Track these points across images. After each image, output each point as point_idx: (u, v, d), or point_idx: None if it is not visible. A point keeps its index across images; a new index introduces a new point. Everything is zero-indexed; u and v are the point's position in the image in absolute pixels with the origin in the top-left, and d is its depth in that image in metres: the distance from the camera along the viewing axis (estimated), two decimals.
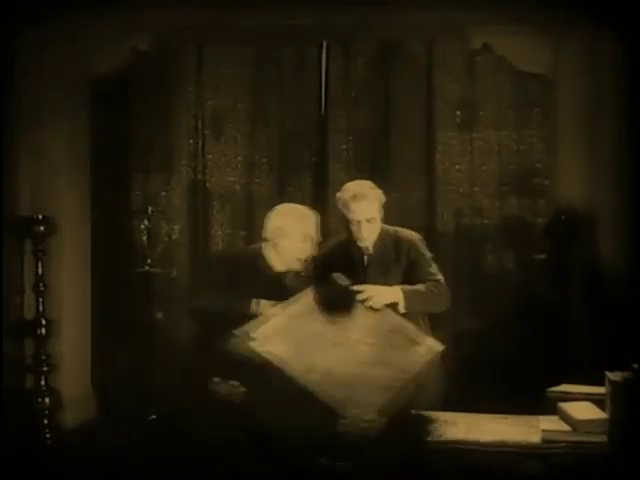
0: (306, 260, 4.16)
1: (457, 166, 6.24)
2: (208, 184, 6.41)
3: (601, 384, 3.74)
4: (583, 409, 3.77)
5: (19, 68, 5.67)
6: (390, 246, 4.40)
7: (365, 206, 4.33)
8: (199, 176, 6.40)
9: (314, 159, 6.37)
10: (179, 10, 5.75)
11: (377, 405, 3.51)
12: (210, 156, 6.41)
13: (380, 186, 6.16)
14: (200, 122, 6.38)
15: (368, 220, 4.34)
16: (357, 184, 4.47)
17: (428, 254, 4.46)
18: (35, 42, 5.68)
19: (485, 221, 6.23)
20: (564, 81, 5.79)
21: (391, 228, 4.47)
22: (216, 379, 3.78)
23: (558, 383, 4.08)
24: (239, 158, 6.42)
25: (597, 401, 3.78)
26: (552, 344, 5.39)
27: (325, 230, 6.19)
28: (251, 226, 6.40)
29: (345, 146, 6.33)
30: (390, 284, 4.27)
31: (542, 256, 6.06)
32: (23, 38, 5.59)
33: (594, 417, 3.68)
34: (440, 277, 4.39)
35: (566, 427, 3.70)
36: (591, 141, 5.73)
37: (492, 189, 6.21)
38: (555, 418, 3.79)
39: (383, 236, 4.41)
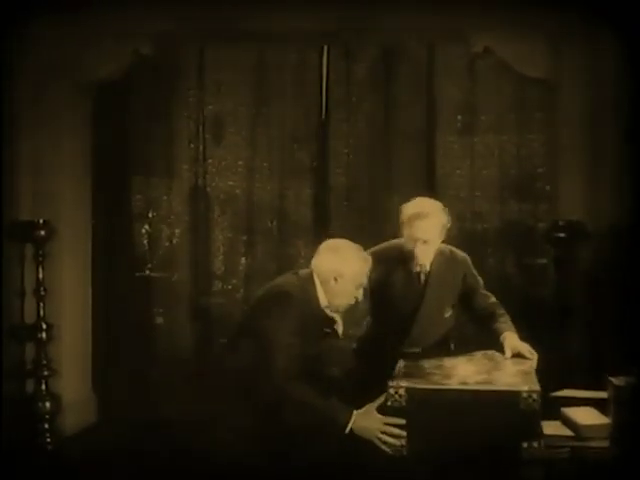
0: (352, 304, 4.04)
1: (458, 170, 6.24)
2: (209, 188, 6.41)
3: (604, 389, 3.73)
4: (586, 414, 3.75)
5: (20, 71, 5.67)
6: (444, 266, 4.29)
7: (424, 225, 4.13)
8: (200, 180, 6.40)
9: (315, 163, 6.37)
10: (180, 14, 5.75)
11: None
12: (211, 160, 6.41)
13: (381, 190, 6.27)
14: (201, 126, 6.38)
15: (425, 241, 4.16)
16: (424, 201, 4.25)
17: (477, 274, 4.43)
18: (36, 45, 5.69)
19: (486, 225, 6.24)
20: (565, 85, 5.79)
21: (447, 247, 4.32)
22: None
23: (560, 388, 4.07)
24: (240, 162, 6.41)
25: (600, 406, 3.77)
26: (554, 348, 5.38)
27: (324, 234, 6.24)
28: (252, 230, 6.40)
29: (346, 150, 6.33)
30: (444, 304, 4.30)
31: (543, 260, 6.07)
32: (24, 41, 5.59)
33: (597, 422, 3.67)
34: (493, 298, 4.40)
35: (569, 432, 3.68)
36: (592, 145, 5.73)
37: (493, 193, 6.21)
38: (557, 423, 3.77)
39: (440, 255, 4.27)
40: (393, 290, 4.28)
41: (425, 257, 4.21)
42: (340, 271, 3.85)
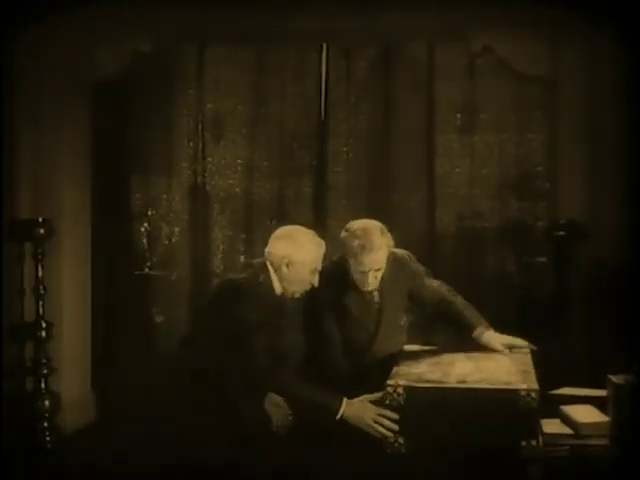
0: (307, 290, 3.95)
1: (457, 169, 6.22)
2: (208, 187, 6.40)
3: (603, 387, 3.73)
4: (585, 412, 3.76)
5: (19, 69, 5.67)
6: (392, 275, 4.16)
7: (374, 258, 3.99)
8: (199, 179, 6.39)
9: (314, 162, 6.36)
10: (180, 12, 5.76)
11: None
12: (210, 159, 6.39)
13: (380, 189, 6.27)
14: (200, 125, 6.37)
15: (377, 270, 4.05)
16: (365, 229, 4.02)
17: (421, 267, 4.37)
18: (36, 43, 5.69)
19: (486, 224, 6.22)
20: (564, 83, 5.80)
21: None
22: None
23: (560, 386, 4.07)
24: (239, 161, 6.40)
25: (599, 404, 3.78)
26: (553, 346, 5.39)
27: (325, 234, 6.24)
28: (251, 229, 6.39)
29: (345, 149, 6.32)
30: (398, 314, 4.25)
31: (543, 259, 6.06)
32: (23, 39, 5.59)
33: (596, 420, 3.68)
34: (439, 282, 4.36)
35: (568, 430, 3.69)
36: (592, 144, 5.74)
37: (493, 192, 6.20)
38: (557, 421, 3.78)
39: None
40: (347, 314, 4.12)
41: (377, 280, 4.09)
42: (291, 257, 3.85)
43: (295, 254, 3.86)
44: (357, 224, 4.09)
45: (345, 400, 3.66)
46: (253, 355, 3.70)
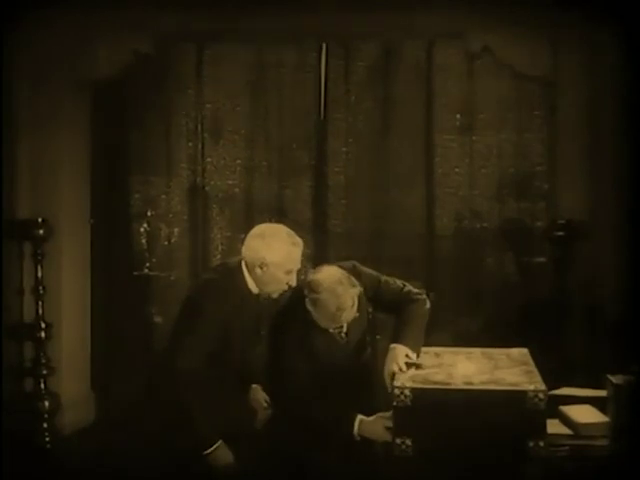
0: (285, 290, 3.86)
1: (457, 169, 6.23)
2: (207, 187, 6.40)
3: (602, 387, 3.73)
4: (584, 412, 3.76)
5: (19, 69, 5.67)
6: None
7: (352, 312, 3.81)
8: (198, 179, 6.39)
9: (313, 162, 6.36)
10: (179, 13, 5.75)
11: None
12: (209, 159, 6.39)
13: (380, 189, 6.27)
14: (199, 125, 6.37)
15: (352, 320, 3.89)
16: (335, 285, 3.74)
17: (373, 273, 4.09)
18: (35, 43, 5.69)
19: (485, 224, 6.23)
20: (564, 84, 5.81)
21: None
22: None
23: (558, 386, 4.07)
24: (238, 161, 6.40)
25: (598, 404, 3.78)
26: (552, 347, 5.39)
27: (323, 232, 6.26)
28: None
29: (344, 149, 6.32)
30: (364, 332, 4.07)
31: (542, 259, 6.07)
32: (23, 39, 5.59)
33: (595, 420, 3.67)
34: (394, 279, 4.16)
35: (567, 430, 3.69)
36: (591, 144, 5.75)
37: (492, 192, 6.21)
38: (556, 421, 3.77)
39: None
40: (314, 355, 3.91)
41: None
42: (264, 259, 3.76)
43: (268, 255, 3.76)
44: (326, 281, 3.76)
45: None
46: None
